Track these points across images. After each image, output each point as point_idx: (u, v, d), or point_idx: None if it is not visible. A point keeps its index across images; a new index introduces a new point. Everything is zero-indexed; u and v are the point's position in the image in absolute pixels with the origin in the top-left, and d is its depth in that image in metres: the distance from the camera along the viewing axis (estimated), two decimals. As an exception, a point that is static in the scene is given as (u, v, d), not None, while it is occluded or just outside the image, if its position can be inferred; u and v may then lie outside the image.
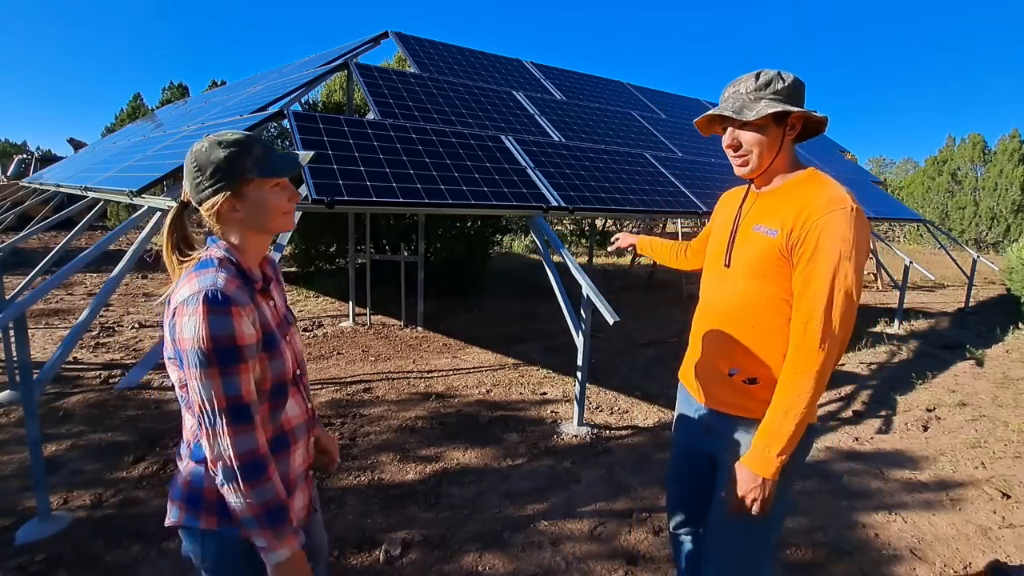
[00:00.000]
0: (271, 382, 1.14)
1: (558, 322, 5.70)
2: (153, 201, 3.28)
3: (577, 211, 4.27)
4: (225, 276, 1.06)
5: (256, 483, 1.05)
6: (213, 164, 1.09)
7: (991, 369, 5.42)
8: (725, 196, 1.69)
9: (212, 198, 1.10)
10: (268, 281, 1.22)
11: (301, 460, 1.25)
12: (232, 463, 1.04)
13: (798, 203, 1.35)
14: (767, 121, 1.37)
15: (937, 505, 2.94)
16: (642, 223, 12.91)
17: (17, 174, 15.29)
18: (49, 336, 5.32)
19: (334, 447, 1.46)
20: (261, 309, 1.13)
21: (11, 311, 2.51)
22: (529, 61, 7.23)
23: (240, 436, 1.04)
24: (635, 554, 2.45)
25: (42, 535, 2.41)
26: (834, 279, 1.27)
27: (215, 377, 1.02)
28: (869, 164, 43.87)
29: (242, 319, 1.04)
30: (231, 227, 1.14)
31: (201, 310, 1.00)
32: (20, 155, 18.54)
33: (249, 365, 1.06)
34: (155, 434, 3.38)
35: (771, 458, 1.32)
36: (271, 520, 1.07)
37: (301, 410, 1.24)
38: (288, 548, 1.09)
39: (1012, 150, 19.19)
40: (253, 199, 1.12)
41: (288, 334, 1.24)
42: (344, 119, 4.07)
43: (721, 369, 1.49)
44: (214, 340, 1.01)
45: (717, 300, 1.52)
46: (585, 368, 3.61)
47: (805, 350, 1.29)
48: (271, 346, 1.13)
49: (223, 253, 1.12)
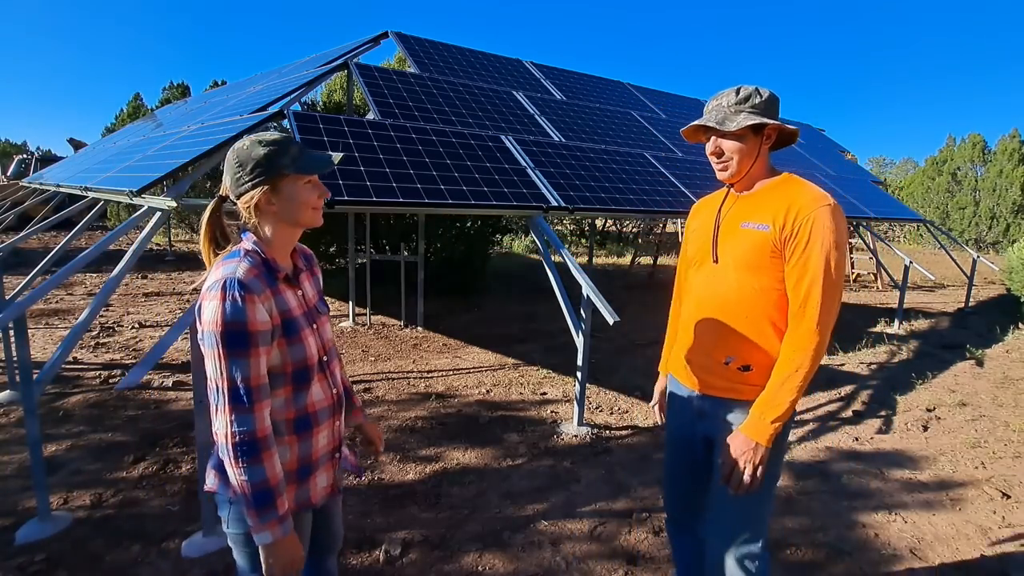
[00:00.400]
0: (292, 366, 1.22)
1: (558, 322, 5.70)
2: (153, 201, 3.28)
3: (577, 211, 4.27)
4: (247, 266, 1.15)
5: (247, 463, 1.12)
6: (254, 160, 1.18)
7: (991, 369, 5.42)
8: (699, 205, 1.81)
9: (251, 192, 1.19)
10: (298, 272, 1.31)
11: (325, 442, 1.32)
12: (228, 440, 1.12)
13: (785, 201, 1.49)
14: (746, 131, 1.51)
15: (937, 505, 2.94)
16: (642, 223, 12.91)
17: (17, 174, 15.28)
18: (49, 336, 5.32)
19: (378, 438, 1.58)
20: (282, 297, 1.21)
21: (11, 311, 2.51)
22: (529, 61, 7.23)
23: (239, 416, 1.11)
24: (635, 554, 2.45)
25: (42, 535, 2.41)
26: (827, 264, 1.41)
27: (224, 359, 1.10)
28: (869, 164, 43.85)
29: (256, 306, 1.12)
30: (265, 220, 1.22)
31: (219, 296, 1.10)
32: (20, 155, 18.54)
33: (260, 350, 1.14)
34: (155, 434, 3.38)
35: (766, 424, 1.43)
36: (256, 501, 1.13)
37: (326, 395, 1.31)
38: (270, 533, 1.15)
39: (1012, 150, 19.20)
40: (287, 194, 1.21)
41: (318, 322, 1.32)
42: (344, 119, 4.07)
43: (717, 358, 1.58)
44: (226, 324, 1.10)
45: (709, 294, 1.61)
46: (585, 368, 3.61)
47: (803, 329, 1.43)
48: (290, 332, 1.21)
49: (251, 245, 1.21)
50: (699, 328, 1.63)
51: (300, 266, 1.33)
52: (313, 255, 1.45)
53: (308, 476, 1.29)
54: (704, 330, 1.62)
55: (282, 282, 1.23)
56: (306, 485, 1.30)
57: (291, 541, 1.19)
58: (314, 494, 1.32)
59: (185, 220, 14.16)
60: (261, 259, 1.20)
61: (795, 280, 1.45)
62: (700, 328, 1.63)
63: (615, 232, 15.90)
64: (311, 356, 1.25)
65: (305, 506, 1.31)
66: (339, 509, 1.54)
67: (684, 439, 1.73)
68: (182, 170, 3.33)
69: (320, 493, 1.33)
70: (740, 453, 1.45)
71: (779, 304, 1.49)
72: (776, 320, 1.50)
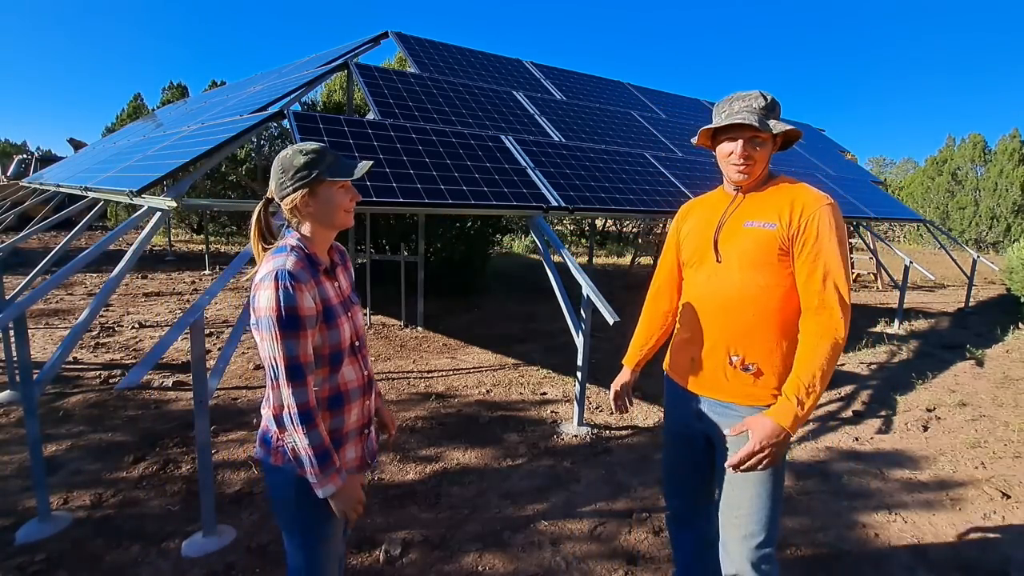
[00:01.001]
0: (329, 349, 1.37)
1: (558, 322, 5.70)
2: (153, 201, 3.28)
3: (577, 211, 4.27)
4: (294, 259, 1.30)
5: (307, 428, 1.28)
6: (295, 167, 1.34)
7: (991, 369, 5.42)
8: (689, 205, 1.81)
9: (292, 195, 1.35)
10: (334, 266, 1.47)
11: (356, 418, 1.47)
12: (289, 410, 1.28)
13: (788, 199, 1.52)
14: (770, 136, 1.55)
15: (937, 505, 2.94)
16: (642, 223, 12.91)
17: (17, 174, 15.27)
18: (49, 336, 5.32)
19: (392, 423, 1.73)
20: (323, 287, 1.36)
21: (11, 311, 2.51)
22: (529, 61, 7.23)
23: (296, 389, 1.27)
24: (635, 554, 2.45)
25: (42, 535, 2.41)
26: (839, 259, 1.45)
27: (279, 340, 1.26)
28: (869, 164, 43.83)
29: (303, 294, 1.28)
30: (304, 220, 1.38)
31: (272, 285, 1.25)
32: (20, 155, 18.53)
33: (307, 332, 1.29)
34: (155, 434, 3.38)
35: (796, 412, 1.41)
36: (318, 460, 1.30)
37: (357, 376, 1.46)
38: (333, 484, 1.32)
39: (1012, 150, 19.20)
40: (323, 197, 1.37)
41: (351, 311, 1.46)
42: (344, 119, 4.07)
43: (721, 357, 1.57)
44: (280, 310, 1.25)
45: (711, 293, 1.60)
46: (585, 368, 3.61)
47: (827, 320, 1.43)
48: (329, 318, 1.36)
49: (295, 242, 1.36)
50: (700, 328, 1.62)
51: (336, 261, 1.49)
52: (346, 252, 1.59)
53: (339, 447, 1.43)
54: (706, 329, 1.60)
55: (322, 274, 1.38)
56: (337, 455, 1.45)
57: (351, 485, 1.37)
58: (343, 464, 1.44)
59: (185, 220, 14.17)
60: (304, 253, 1.35)
61: (807, 274, 1.46)
62: (701, 328, 1.62)
63: (615, 232, 15.90)
64: (344, 340, 1.40)
65: None
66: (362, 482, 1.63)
67: (683, 436, 1.73)
68: (182, 170, 3.33)
69: (348, 464, 1.45)
70: (769, 439, 1.41)
71: (783, 302, 1.50)
72: (780, 318, 1.50)
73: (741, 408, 1.55)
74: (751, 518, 1.55)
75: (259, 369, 4.64)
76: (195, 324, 2.29)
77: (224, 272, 2.63)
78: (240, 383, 4.32)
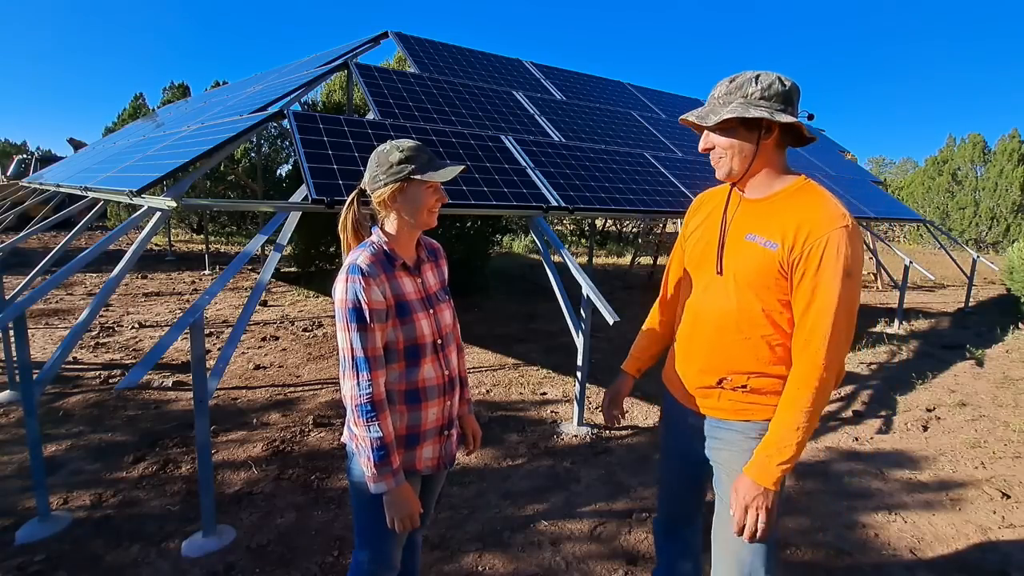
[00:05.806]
0: (403, 343, 1.40)
1: (558, 322, 5.70)
2: (153, 201, 3.28)
3: (577, 211, 4.27)
4: (368, 254, 1.36)
5: (367, 421, 1.31)
6: (390, 163, 1.39)
7: (991, 369, 5.42)
8: (703, 196, 1.65)
9: (383, 189, 1.40)
10: (420, 263, 1.51)
11: (434, 418, 1.48)
12: (352, 401, 1.32)
13: (796, 217, 1.33)
14: (734, 125, 1.35)
15: (937, 505, 2.94)
16: (642, 223, 12.91)
17: (17, 174, 15.27)
18: (49, 336, 5.32)
19: (475, 438, 1.75)
20: (398, 282, 1.41)
21: (11, 311, 2.51)
22: (529, 61, 7.23)
23: (360, 380, 1.31)
24: (635, 554, 2.45)
25: (42, 535, 2.41)
26: (838, 296, 1.28)
27: (348, 331, 1.31)
28: (869, 164, 43.84)
29: (371, 289, 1.33)
30: (390, 214, 1.43)
31: (344, 279, 1.32)
32: (20, 155, 18.53)
33: (374, 326, 1.33)
34: (155, 434, 3.38)
35: (773, 468, 1.33)
36: (375, 455, 1.32)
37: (437, 375, 1.47)
38: (385, 484, 1.33)
39: (1012, 150, 19.20)
40: (411, 195, 1.41)
41: (436, 308, 1.49)
42: (344, 119, 4.07)
43: (711, 377, 1.48)
44: (348, 302, 1.31)
45: (707, 308, 1.49)
46: (585, 368, 3.61)
47: (809, 365, 1.31)
48: (403, 313, 1.40)
49: (376, 238, 1.43)
50: (694, 344, 1.53)
51: (423, 257, 1.52)
52: (441, 249, 1.63)
53: (415, 445, 1.46)
54: (699, 347, 1.51)
55: (399, 269, 1.42)
56: (413, 452, 1.47)
57: (405, 492, 1.37)
58: (419, 462, 1.48)
59: (185, 220, 14.17)
60: (381, 249, 1.41)
61: (802, 308, 1.32)
62: (695, 344, 1.53)
63: (615, 232, 15.91)
64: (421, 336, 1.42)
65: (410, 470, 1.46)
66: (439, 487, 1.71)
67: (678, 450, 1.66)
68: (182, 170, 3.32)
69: (425, 463, 1.49)
70: (750, 499, 1.34)
71: (782, 325, 1.38)
72: (776, 341, 1.39)
73: (736, 424, 1.46)
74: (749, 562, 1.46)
75: (259, 369, 4.64)
76: (195, 324, 2.29)
77: (224, 272, 2.63)
78: (240, 383, 4.32)
